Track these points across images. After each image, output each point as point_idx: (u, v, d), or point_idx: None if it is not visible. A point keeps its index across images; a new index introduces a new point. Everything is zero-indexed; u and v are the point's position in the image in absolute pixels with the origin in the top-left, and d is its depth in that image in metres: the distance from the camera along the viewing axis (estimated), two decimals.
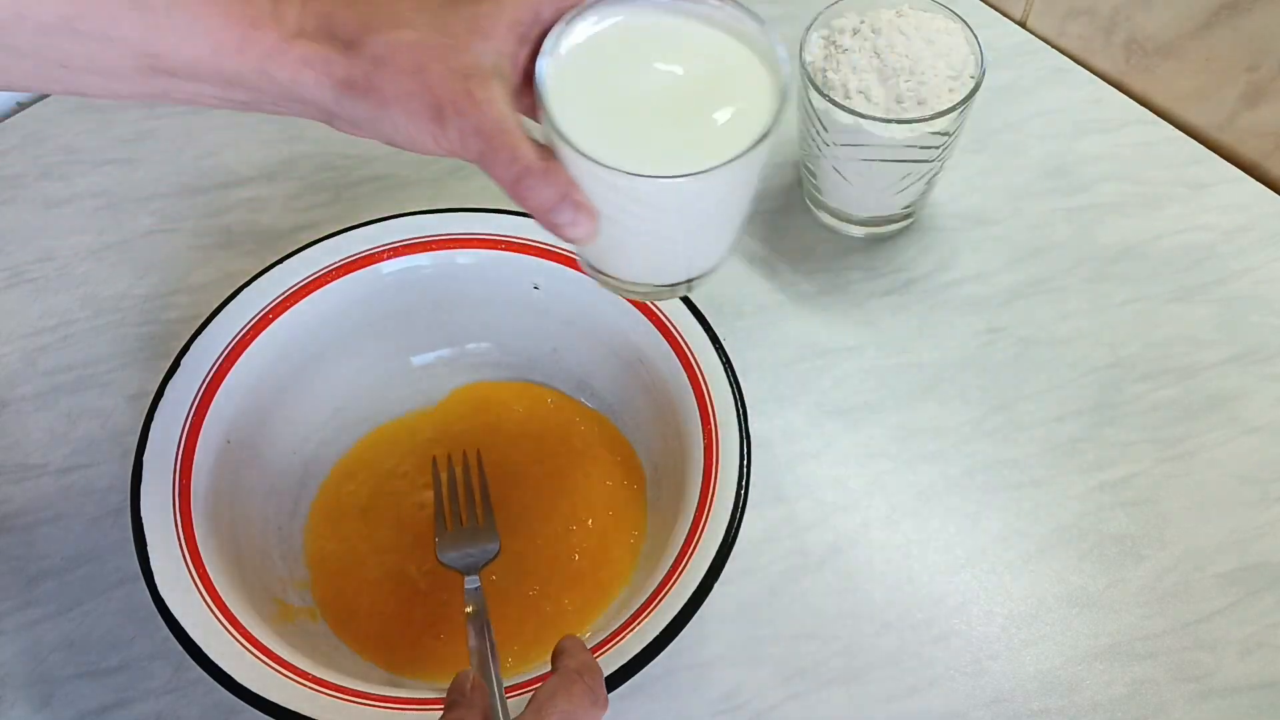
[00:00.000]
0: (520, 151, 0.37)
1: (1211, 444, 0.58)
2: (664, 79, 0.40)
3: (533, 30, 0.39)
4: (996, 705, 0.51)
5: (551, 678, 0.39)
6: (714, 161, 0.37)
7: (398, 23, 0.38)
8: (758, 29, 0.40)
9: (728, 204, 0.41)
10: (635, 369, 0.56)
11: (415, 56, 0.37)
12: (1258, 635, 0.52)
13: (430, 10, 0.38)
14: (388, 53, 0.37)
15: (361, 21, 0.38)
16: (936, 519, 0.56)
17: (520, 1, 0.38)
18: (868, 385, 0.60)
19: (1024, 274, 0.64)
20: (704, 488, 0.49)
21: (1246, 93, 0.66)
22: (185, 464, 0.50)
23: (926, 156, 0.58)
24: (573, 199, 0.38)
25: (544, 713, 0.37)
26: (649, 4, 0.41)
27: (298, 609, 0.53)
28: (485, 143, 0.37)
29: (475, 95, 0.37)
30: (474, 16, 0.38)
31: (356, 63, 0.37)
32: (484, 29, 0.38)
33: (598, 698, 0.38)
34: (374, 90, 0.37)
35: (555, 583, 0.53)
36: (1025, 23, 0.75)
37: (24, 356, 0.62)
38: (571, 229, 0.39)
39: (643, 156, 0.38)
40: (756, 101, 0.39)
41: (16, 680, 0.52)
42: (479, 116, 0.37)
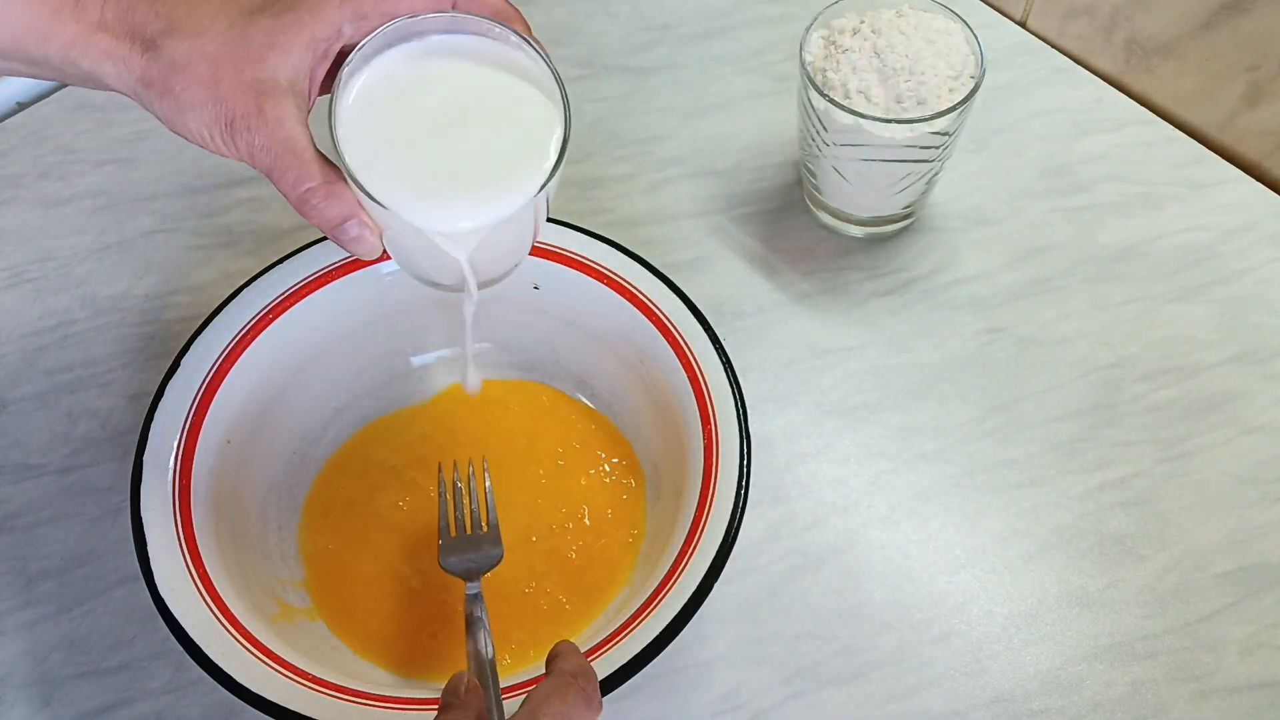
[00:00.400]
0: (306, 172, 0.39)
1: (1211, 444, 0.58)
2: (451, 114, 0.41)
3: (335, 45, 0.40)
4: (996, 705, 0.51)
5: (546, 680, 0.39)
6: (489, 215, 0.40)
7: (198, 29, 0.38)
8: (546, 72, 0.42)
9: (507, 239, 0.44)
10: (635, 369, 0.56)
11: (211, 67, 0.38)
12: (1258, 635, 0.52)
13: (231, 19, 0.39)
14: (184, 60, 0.38)
15: (162, 22, 0.38)
16: (936, 519, 0.56)
17: (322, 18, 0.39)
18: (868, 385, 0.60)
19: (1024, 274, 0.64)
20: (704, 488, 0.49)
21: (1246, 93, 0.66)
22: (185, 464, 0.50)
23: (926, 156, 0.58)
24: (357, 218, 0.40)
25: (538, 714, 0.37)
26: (439, 36, 0.42)
27: (298, 609, 0.53)
28: (273, 159, 0.38)
29: (266, 112, 0.38)
30: (273, 30, 0.38)
31: (154, 64, 0.38)
32: (282, 44, 0.38)
33: (592, 701, 0.38)
34: (170, 93, 0.38)
35: (552, 581, 0.53)
36: (1025, 23, 0.75)
37: (24, 356, 0.62)
38: (356, 245, 0.41)
39: (426, 194, 0.40)
40: (538, 142, 0.42)
41: (16, 680, 0.52)
42: (267, 134, 0.38)
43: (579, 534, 0.54)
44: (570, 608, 0.52)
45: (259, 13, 0.39)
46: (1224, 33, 0.66)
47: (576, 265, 0.56)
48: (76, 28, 0.38)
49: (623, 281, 0.55)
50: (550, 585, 0.53)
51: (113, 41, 0.39)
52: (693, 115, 0.72)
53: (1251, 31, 0.64)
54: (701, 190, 0.68)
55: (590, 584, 0.53)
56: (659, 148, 0.70)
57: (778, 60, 0.74)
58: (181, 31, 0.38)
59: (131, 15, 0.39)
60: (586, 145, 0.70)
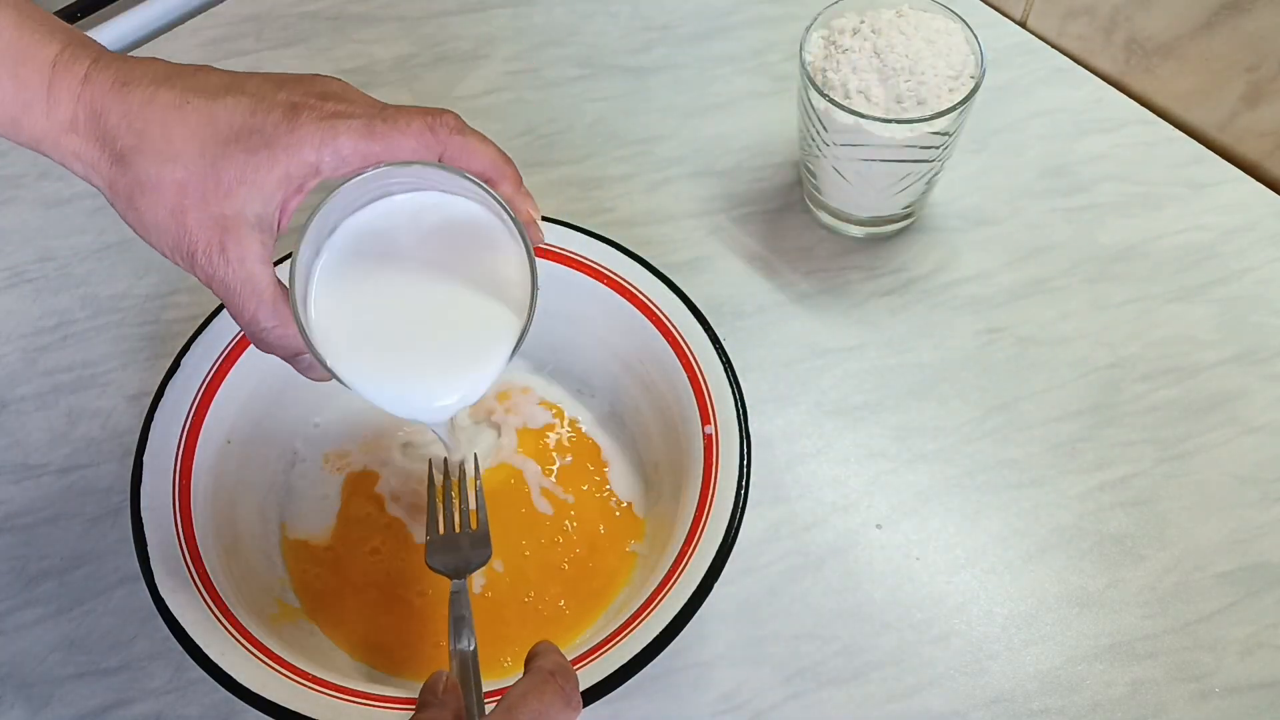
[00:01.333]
0: (263, 312, 0.39)
1: (1211, 444, 0.58)
2: (415, 284, 0.41)
3: (310, 181, 0.39)
4: (996, 705, 0.51)
5: (523, 678, 0.38)
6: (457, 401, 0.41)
7: (169, 153, 0.37)
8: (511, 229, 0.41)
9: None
10: (635, 369, 0.56)
11: (178, 195, 0.37)
12: (1258, 635, 0.52)
13: (204, 144, 0.38)
14: (152, 182, 0.37)
15: (134, 137, 0.37)
16: (936, 519, 0.56)
17: (298, 157, 0.38)
18: (868, 385, 0.60)
19: (1024, 274, 0.64)
20: (704, 488, 0.49)
21: (1246, 93, 0.66)
22: (185, 464, 0.50)
23: (926, 156, 0.58)
24: (305, 357, 0.41)
25: (515, 712, 0.36)
26: (411, 195, 0.41)
27: (297, 609, 0.53)
28: (227, 295, 0.39)
29: (228, 250, 0.38)
30: (246, 165, 0.38)
31: (122, 176, 0.38)
32: (254, 180, 0.38)
33: (570, 699, 0.38)
34: (134, 209, 0.38)
35: (552, 586, 0.53)
36: (1025, 23, 0.75)
37: (24, 356, 0.62)
38: (310, 372, 0.42)
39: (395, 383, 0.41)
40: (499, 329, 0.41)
41: (16, 680, 0.52)
42: (228, 270, 0.38)
43: (580, 538, 0.54)
44: (570, 612, 0.52)
45: (233, 143, 0.38)
46: (1224, 33, 0.66)
47: (576, 265, 0.56)
48: (46, 124, 0.38)
49: (623, 281, 0.55)
50: (550, 594, 0.53)
51: (82, 144, 0.38)
52: (693, 115, 0.72)
53: (1251, 31, 0.64)
54: (701, 190, 0.68)
55: (588, 590, 0.53)
56: (659, 148, 0.70)
57: (778, 60, 0.74)
58: (152, 152, 0.37)
59: (103, 121, 0.38)
60: (586, 145, 0.70)
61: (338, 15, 0.77)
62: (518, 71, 0.74)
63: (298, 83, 0.39)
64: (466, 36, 0.76)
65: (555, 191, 0.68)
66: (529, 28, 0.76)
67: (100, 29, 0.76)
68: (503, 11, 0.77)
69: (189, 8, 0.78)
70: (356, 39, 0.76)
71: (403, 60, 0.75)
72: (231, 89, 0.38)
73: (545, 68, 0.74)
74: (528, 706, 0.37)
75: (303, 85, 0.39)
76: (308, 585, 0.53)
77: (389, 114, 0.38)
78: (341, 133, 0.37)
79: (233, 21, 0.77)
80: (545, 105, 0.72)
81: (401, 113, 0.38)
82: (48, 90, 0.38)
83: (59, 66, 0.38)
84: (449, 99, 0.73)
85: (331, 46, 0.76)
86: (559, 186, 0.68)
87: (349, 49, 0.75)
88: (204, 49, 0.76)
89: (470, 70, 0.74)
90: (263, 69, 0.74)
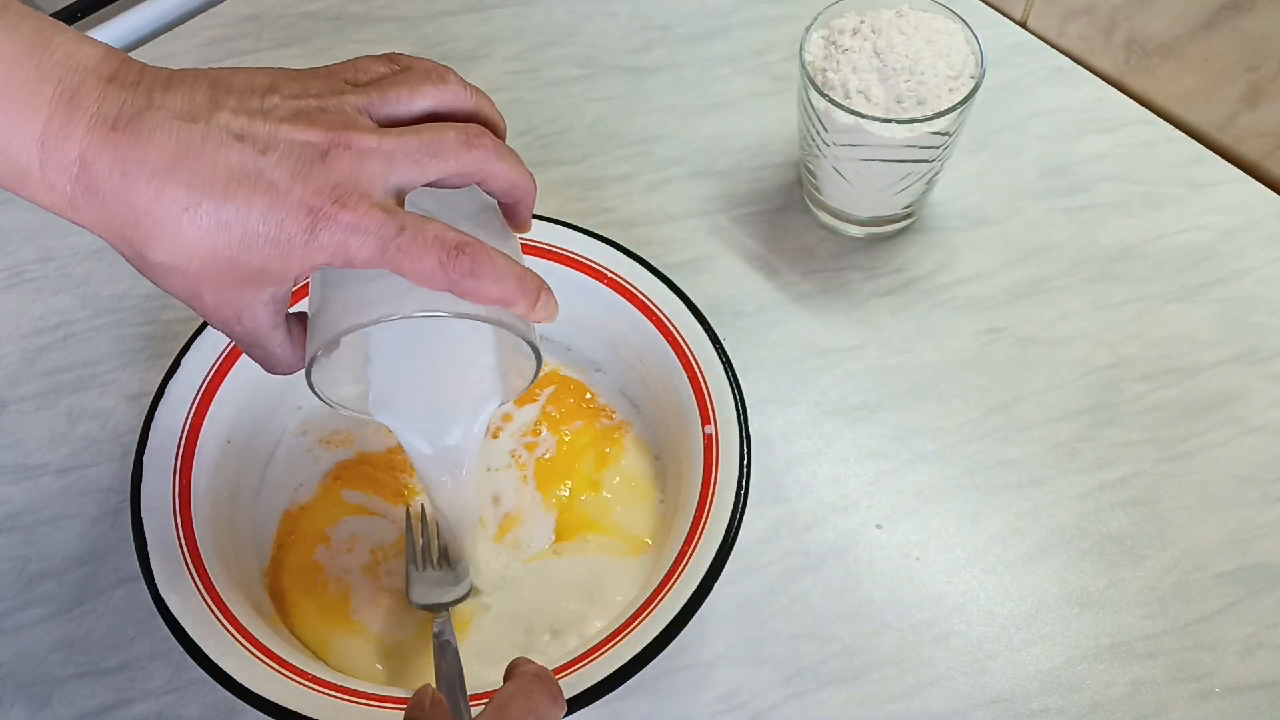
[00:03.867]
0: (272, 360, 0.41)
1: (1211, 444, 0.58)
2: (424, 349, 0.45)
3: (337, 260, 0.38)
4: (996, 705, 0.51)
5: (509, 683, 0.39)
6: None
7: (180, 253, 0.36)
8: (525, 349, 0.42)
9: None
10: (635, 369, 0.56)
11: (192, 283, 0.37)
12: (1258, 635, 0.52)
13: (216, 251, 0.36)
14: (163, 269, 0.37)
15: (141, 233, 0.36)
16: (936, 519, 0.56)
17: (310, 264, 0.37)
18: (867, 385, 0.60)
19: (1024, 274, 0.64)
20: (704, 488, 0.49)
21: (1246, 93, 0.66)
22: (185, 464, 0.50)
23: (926, 156, 0.58)
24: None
25: (506, 710, 0.37)
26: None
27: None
28: (244, 345, 0.41)
29: (243, 321, 0.39)
30: (264, 268, 0.36)
31: (131, 254, 0.37)
32: (270, 275, 0.37)
33: (557, 698, 0.38)
34: (144, 274, 0.38)
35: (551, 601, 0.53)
36: (1025, 23, 0.75)
37: (24, 356, 0.62)
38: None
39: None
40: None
41: (16, 680, 0.52)
42: (240, 331, 0.39)
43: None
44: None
45: (248, 250, 0.36)
46: (1224, 33, 0.66)
47: (576, 265, 0.56)
48: (49, 199, 0.36)
49: (623, 281, 0.55)
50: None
51: (90, 223, 0.37)
52: (693, 115, 0.72)
53: (1251, 31, 0.64)
54: (701, 190, 0.68)
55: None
56: (659, 148, 0.70)
57: (778, 60, 0.74)
58: (163, 249, 0.36)
59: (107, 210, 0.36)
60: (586, 145, 0.70)
61: (338, 15, 0.77)
62: (518, 71, 0.74)
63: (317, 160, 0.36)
64: (466, 36, 0.76)
65: (555, 191, 0.68)
66: (529, 28, 0.76)
67: (100, 29, 0.76)
68: (503, 11, 0.77)
69: (189, 8, 0.78)
70: (356, 39, 0.76)
71: None
72: (243, 180, 0.35)
73: (545, 68, 0.74)
74: (517, 704, 0.37)
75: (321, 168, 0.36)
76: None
77: (404, 240, 0.36)
78: (353, 252, 0.36)
79: (233, 21, 0.77)
80: (545, 105, 0.72)
81: (416, 240, 0.36)
82: (41, 171, 0.36)
83: (47, 145, 0.35)
84: None
85: (331, 46, 0.76)
86: (559, 186, 0.68)
87: (349, 49, 0.75)
88: (204, 49, 0.76)
89: (470, 70, 0.74)
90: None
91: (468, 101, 0.40)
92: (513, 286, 0.38)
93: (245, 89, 0.37)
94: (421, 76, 0.39)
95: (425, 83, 0.39)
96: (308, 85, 0.37)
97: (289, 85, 0.37)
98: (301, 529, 0.54)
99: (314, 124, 0.36)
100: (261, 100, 0.36)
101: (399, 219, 0.36)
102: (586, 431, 0.57)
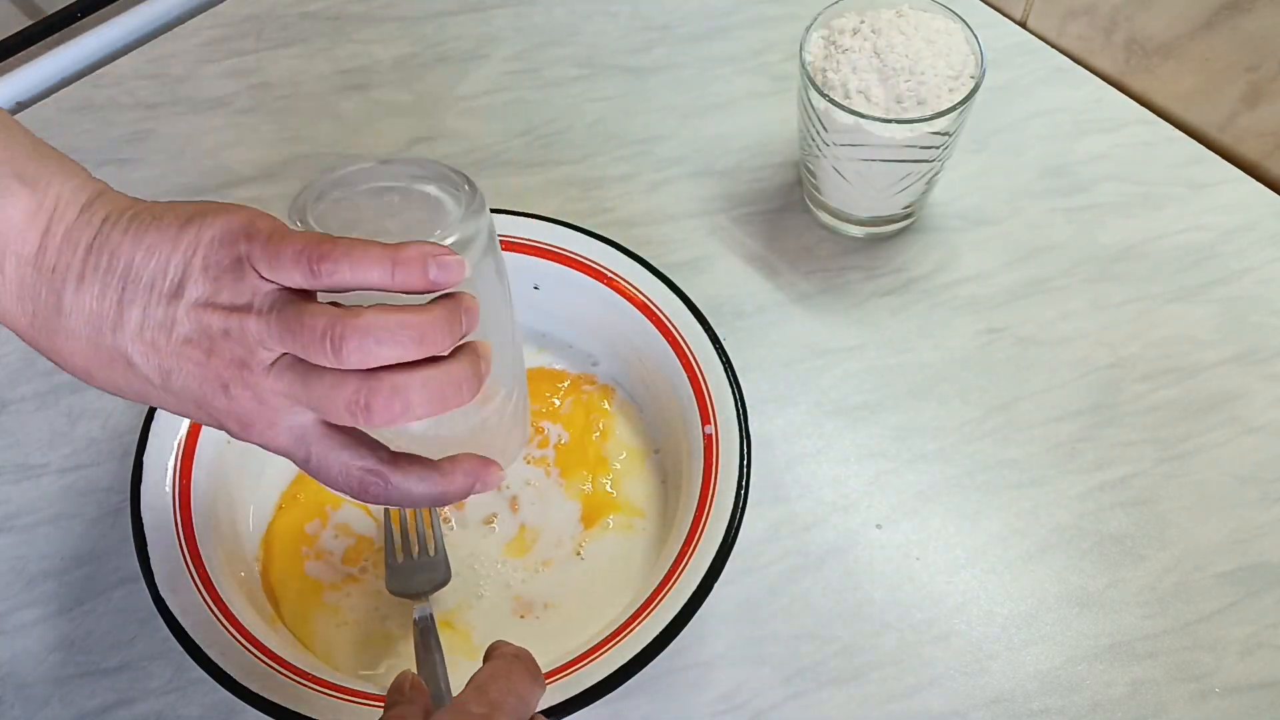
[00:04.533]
0: None
1: (1211, 444, 0.58)
2: None
3: None
4: (996, 705, 0.51)
5: (488, 663, 0.39)
6: None
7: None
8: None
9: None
10: (635, 369, 0.56)
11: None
12: (1258, 635, 0.52)
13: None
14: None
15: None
16: (936, 519, 0.56)
17: None
18: (867, 385, 0.60)
19: (1024, 274, 0.64)
20: (704, 488, 0.49)
21: (1246, 93, 0.66)
22: (185, 464, 0.50)
23: (926, 156, 0.58)
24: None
25: (485, 690, 0.37)
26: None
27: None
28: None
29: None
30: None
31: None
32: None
33: (537, 677, 0.38)
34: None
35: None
36: (1025, 23, 0.75)
37: (24, 356, 0.62)
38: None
39: None
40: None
41: (16, 680, 0.52)
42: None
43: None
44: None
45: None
46: (1224, 33, 0.66)
47: (576, 265, 0.56)
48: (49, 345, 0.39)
49: (623, 281, 0.55)
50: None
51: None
52: (693, 115, 0.72)
53: (1251, 31, 0.64)
54: (701, 190, 0.68)
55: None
56: (659, 148, 0.70)
57: (778, 60, 0.74)
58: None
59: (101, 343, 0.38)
60: (586, 145, 0.70)
61: (338, 15, 0.77)
62: (518, 71, 0.74)
63: (219, 393, 0.37)
64: (466, 36, 0.76)
65: (555, 191, 0.68)
66: (529, 28, 0.76)
67: (100, 29, 0.76)
68: (503, 11, 0.77)
69: (189, 8, 0.78)
70: (356, 39, 0.76)
71: (403, 60, 0.75)
72: (152, 398, 0.38)
73: (545, 68, 0.74)
74: (497, 684, 0.37)
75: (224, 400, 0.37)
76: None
77: (313, 469, 0.38)
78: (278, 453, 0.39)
79: (233, 21, 0.77)
80: (545, 105, 0.72)
81: (324, 472, 0.38)
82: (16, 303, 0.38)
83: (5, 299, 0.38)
84: (449, 99, 0.73)
85: (331, 46, 0.76)
86: (559, 186, 0.68)
87: (349, 49, 0.75)
88: (204, 49, 0.76)
89: (470, 70, 0.74)
90: (263, 69, 0.75)
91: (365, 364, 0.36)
92: (431, 495, 0.39)
93: (151, 286, 0.37)
94: (312, 340, 0.36)
95: (316, 349, 0.36)
96: (218, 287, 0.37)
97: (197, 285, 0.37)
98: (290, 522, 0.55)
99: (213, 355, 0.37)
100: (165, 308, 0.37)
101: (305, 448, 0.38)
102: (578, 407, 0.57)
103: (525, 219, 0.57)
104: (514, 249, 0.56)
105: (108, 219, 0.38)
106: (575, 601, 0.52)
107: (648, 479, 0.55)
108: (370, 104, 0.73)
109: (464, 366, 0.37)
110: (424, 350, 0.36)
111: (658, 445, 0.56)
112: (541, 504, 0.55)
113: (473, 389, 0.37)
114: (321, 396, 0.36)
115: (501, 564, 0.53)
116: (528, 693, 0.38)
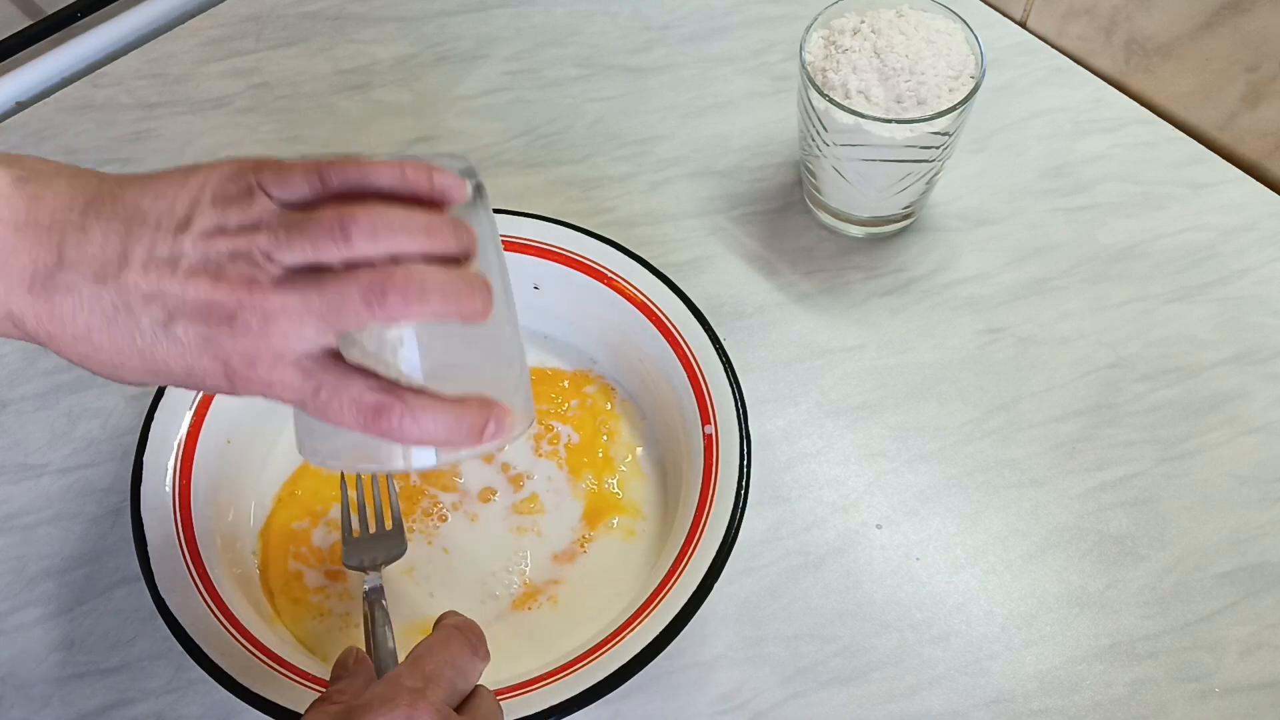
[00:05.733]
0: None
1: (1211, 444, 0.58)
2: None
3: None
4: (996, 705, 0.51)
5: (429, 636, 0.39)
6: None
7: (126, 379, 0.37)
8: None
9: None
10: (635, 369, 0.56)
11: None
12: (1258, 635, 0.52)
13: None
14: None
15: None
16: (936, 519, 0.56)
17: None
18: (867, 385, 0.60)
19: (1024, 274, 0.64)
20: (704, 488, 0.49)
21: (1246, 93, 0.66)
22: (185, 464, 0.50)
23: (926, 156, 0.58)
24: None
25: (422, 661, 0.37)
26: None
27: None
28: None
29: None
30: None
31: None
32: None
33: (478, 649, 0.38)
34: None
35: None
36: (1025, 23, 0.75)
37: (24, 356, 0.62)
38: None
39: None
40: None
41: (16, 680, 0.52)
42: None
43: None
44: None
45: None
46: (1224, 33, 0.66)
47: (576, 265, 0.56)
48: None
49: (623, 281, 0.55)
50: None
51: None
52: (693, 115, 0.72)
53: (1251, 31, 0.64)
54: (701, 190, 0.68)
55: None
56: (659, 148, 0.70)
57: (778, 60, 0.74)
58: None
59: (54, 349, 0.37)
60: (586, 145, 0.70)
61: (338, 15, 0.77)
62: (518, 71, 0.74)
63: (224, 325, 0.36)
64: (466, 36, 0.76)
65: (555, 191, 0.68)
66: (529, 28, 0.76)
67: (100, 29, 0.76)
68: (503, 11, 0.77)
69: (189, 8, 0.78)
70: (356, 39, 0.76)
71: (403, 60, 0.75)
72: (157, 348, 0.36)
73: (545, 68, 0.74)
74: (434, 656, 0.37)
75: (229, 334, 0.36)
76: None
77: (321, 402, 0.36)
78: (278, 398, 0.37)
79: (233, 21, 0.77)
80: (545, 105, 0.72)
81: (333, 402, 0.36)
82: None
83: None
84: (449, 99, 0.73)
85: (331, 46, 0.76)
86: (559, 186, 0.68)
87: (349, 49, 0.75)
88: (204, 49, 0.76)
89: (470, 70, 0.74)
90: (263, 69, 0.75)
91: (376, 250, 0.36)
92: (446, 429, 0.37)
93: (159, 224, 0.36)
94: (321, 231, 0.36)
95: (325, 239, 0.36)
96: (226, 214, 0.36)
97: (205, 215, 0.36)
98: (287, 519, 0.55)
99: (220, 280, 0.35)
100: (172, 242, 0.36)
101: (314, 380, 0.36)
102: (584, 409, 0.57)
103: (525, 219, 0.57)
104: (514, 249, 0.56)
105: (104, 180, 0.37)
106: (576, 601, 0.52)
107: (648, 479, 0.55)
108: (370, 104, 0.73)
109: (477, 275, 0.37)
110: (431, 241, 0.36)
111: (658, 445, 0.56)
112: (550, 498, 0.55)
113: (485, 300, 0.36)
114: (336, 292, 0.35)
115: (502, 562, 0.53)
116: (466, 664, 0.38)
